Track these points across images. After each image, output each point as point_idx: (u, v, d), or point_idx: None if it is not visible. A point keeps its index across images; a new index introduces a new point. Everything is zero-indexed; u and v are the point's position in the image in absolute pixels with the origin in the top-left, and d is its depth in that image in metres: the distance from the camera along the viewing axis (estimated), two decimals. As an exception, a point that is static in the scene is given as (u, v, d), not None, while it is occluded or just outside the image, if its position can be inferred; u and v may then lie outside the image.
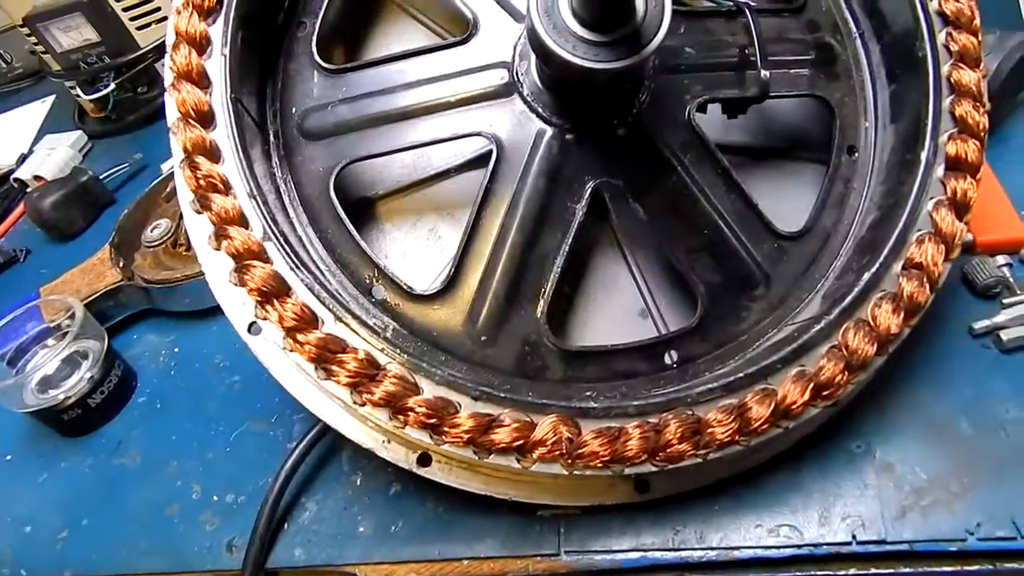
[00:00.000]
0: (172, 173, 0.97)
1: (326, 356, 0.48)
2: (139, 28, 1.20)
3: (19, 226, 1.17)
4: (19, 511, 0.72)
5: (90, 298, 0.84)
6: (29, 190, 1.14)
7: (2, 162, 1.29)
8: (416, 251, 0.64)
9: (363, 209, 0.65)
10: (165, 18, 1.18)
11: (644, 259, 0.65)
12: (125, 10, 1.18)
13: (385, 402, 0.48)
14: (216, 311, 0.83)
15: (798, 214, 0.62)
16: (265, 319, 0.49)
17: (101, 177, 1.12)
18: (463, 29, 0.60)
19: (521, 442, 0.48)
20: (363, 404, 0.48)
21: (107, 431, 0.78)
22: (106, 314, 0.86)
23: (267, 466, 0.66)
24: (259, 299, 0.49)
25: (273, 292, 0.49)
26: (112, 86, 1.22)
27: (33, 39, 1.22)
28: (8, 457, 0.79)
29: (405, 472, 0.54)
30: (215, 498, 0.67)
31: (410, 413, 0.48)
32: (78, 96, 1.27)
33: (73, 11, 1.15)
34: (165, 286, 0.85)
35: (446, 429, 0.48)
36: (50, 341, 0.81)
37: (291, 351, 0.48)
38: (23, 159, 1.29)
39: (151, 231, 0.92)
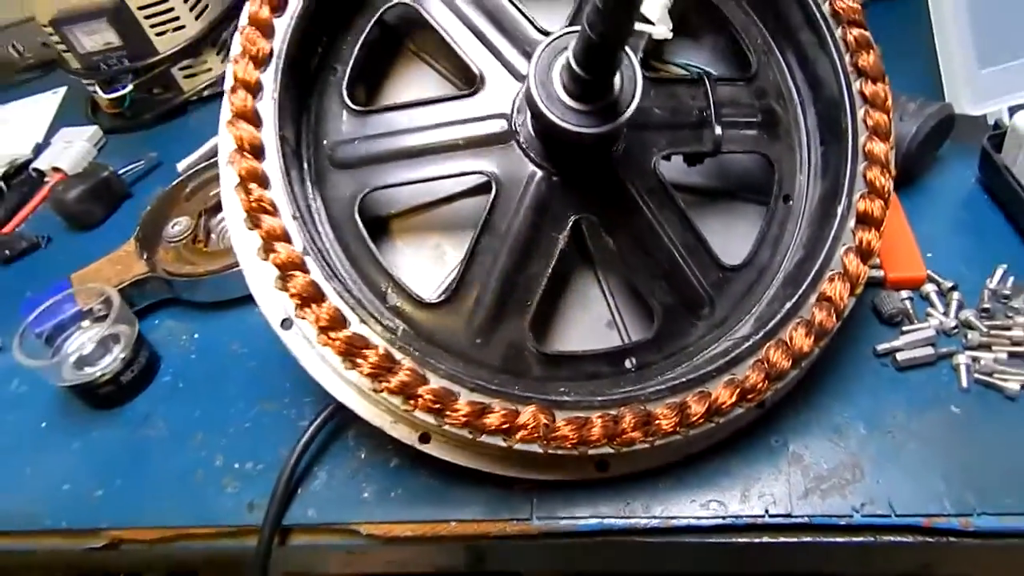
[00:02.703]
0: (192, 175, 1.08)
1: (352, 351, 0.59)
2: (158, 35, 1.29)
3: (37, 213, 1.25)
4: (56, 472, 0.80)
5: (119, 286, 0.93)
6: (53, 182, 1.22)
7: (18, 151, 1.36)
8: (423, 265, 0.75)
9: (378, 226, 0.75)
10: (183, 26, 1.28)
11: (613, 281, 0.77)
12: (146, 17, 1.26)
13: (399, 390, 0.59)
14: (233, 304, 0.95)
15: (742, 248, 0.75)
16: (303, 319, 0.60)
17: (119, 173, 1.21)
18: (470, 78, 0.72)
19: (507, 426, 0.60)
20: (381, 391, 0.60)
21: (134, 406, 0.86)
22: (131, 301, 0.95)
23: (281, 440, 0.76)
24: (299, 302, 0.60)
25: (310, 297, 0.60)
26: (130, 87, 1.31)
27: (56, 38, 1.30)
28: (43, 424, 0.87)
29: (404, 450, 0.66)
30: (236, 466, 0.77)
31: (419, 399, 0.59)
32: (95, 93, 1.35)
33: (99, 16, 1.23)
34: (188, 279, 0.94)
35: (448, 413, 0.59)
36: (84, 323, 0.90)
37: (323, 345, 0.60)
38: (38, 148, 1.36)
39: (172, 227, 1.02)
